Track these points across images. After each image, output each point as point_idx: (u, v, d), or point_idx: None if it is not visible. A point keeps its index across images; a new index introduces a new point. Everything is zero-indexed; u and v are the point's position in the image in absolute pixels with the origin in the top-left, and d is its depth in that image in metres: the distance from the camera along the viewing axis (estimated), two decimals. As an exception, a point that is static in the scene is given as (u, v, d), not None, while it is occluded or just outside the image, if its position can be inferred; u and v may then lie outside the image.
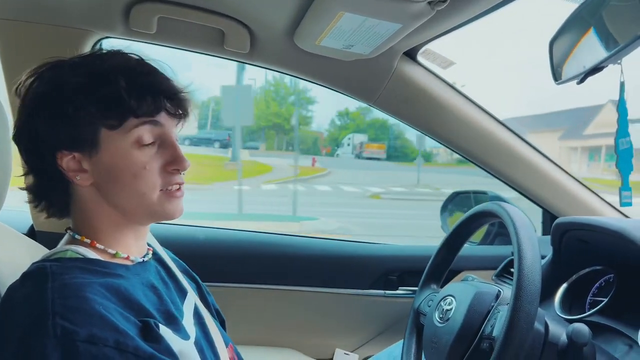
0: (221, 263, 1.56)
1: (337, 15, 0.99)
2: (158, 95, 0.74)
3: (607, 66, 0.77)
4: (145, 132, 0.74)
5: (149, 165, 0.74)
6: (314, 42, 1.15)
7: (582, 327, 0.90)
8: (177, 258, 1.00)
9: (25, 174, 0.78)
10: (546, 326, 0.97)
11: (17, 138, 0.76)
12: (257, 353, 1.54)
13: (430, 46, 1.28)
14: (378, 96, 1.40)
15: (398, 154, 19.41)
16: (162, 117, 0.76)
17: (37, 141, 0.73)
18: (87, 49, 1.30)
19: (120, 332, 0.62)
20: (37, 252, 1.03)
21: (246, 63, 1.39)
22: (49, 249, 1.06)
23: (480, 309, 0.97)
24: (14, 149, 0.82)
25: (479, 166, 1.51)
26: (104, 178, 0.74)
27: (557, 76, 0.88)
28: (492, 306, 0.97)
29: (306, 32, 1.14)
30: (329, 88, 1.44)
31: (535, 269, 0.86)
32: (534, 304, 0.85)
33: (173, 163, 0.76)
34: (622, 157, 0.83)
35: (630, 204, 0.89)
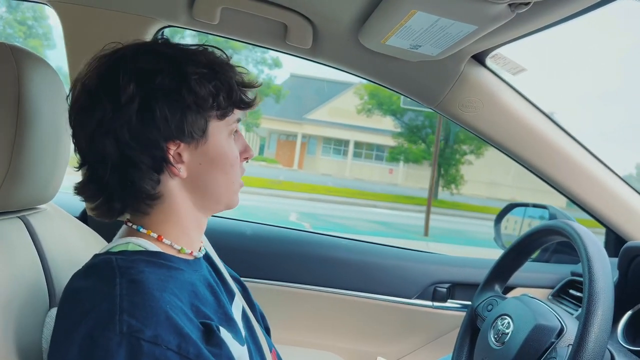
0: (264, 260, 1.55)
1: (409, 14, 0.94)
2: (254, 88, 0.79)
3: None
4: (237, 124, 0.78)
5: (237, 155, 0.78)
6: (380, 40, 1.11)
7: None
8: (221, 261, 0.98)
9: (112, 169, 0.71)
10: (611, 357, 0.91)
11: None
12: (296, 354, 1.52)
13: (500, 50, 1.21)
14: (441, 100, 1.34)
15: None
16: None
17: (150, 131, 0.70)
18: (149, 36, 1.30)
19: (183, 336, 0.61)
20: (88, 236, 1.05)
21: (307, 59, 1.37)
22: (99, 233, 1.08)
23: (537, 345, 0.91)
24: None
25: (543, 179, 1.44)
26: (202, 168, 0.75)
27: None
28: (552, 344, 0.91)
29: (373, 29, 1.10)
30: (389, 88, 1.40)
31: (606, 317, 0.79)
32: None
33: (245, 152, 0.81)
34: None
35: None
